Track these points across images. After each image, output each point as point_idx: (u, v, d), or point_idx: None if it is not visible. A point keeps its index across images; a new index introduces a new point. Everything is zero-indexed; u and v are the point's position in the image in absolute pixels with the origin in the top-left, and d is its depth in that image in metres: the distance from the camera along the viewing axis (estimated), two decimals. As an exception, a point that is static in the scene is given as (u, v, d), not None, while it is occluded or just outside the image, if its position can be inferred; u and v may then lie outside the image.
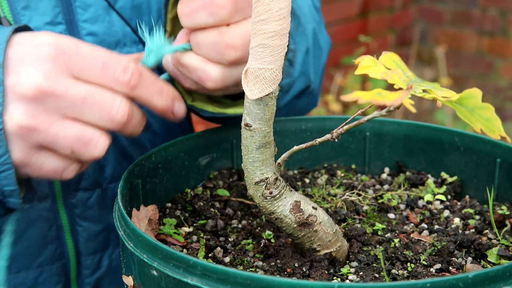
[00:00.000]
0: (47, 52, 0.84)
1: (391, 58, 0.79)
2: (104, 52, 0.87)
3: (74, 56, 0.85)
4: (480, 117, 0.74)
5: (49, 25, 1.10)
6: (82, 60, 0.85)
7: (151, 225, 0.91)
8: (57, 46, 0.85)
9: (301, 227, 0.84)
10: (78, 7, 1.11)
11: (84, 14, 1.12)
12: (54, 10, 1.10)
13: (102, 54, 0.87)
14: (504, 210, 0.97)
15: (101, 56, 0.86)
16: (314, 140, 0.83)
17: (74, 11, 1.12)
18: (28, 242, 1.12)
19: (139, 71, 0.87)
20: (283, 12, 0.75)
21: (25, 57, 0.84)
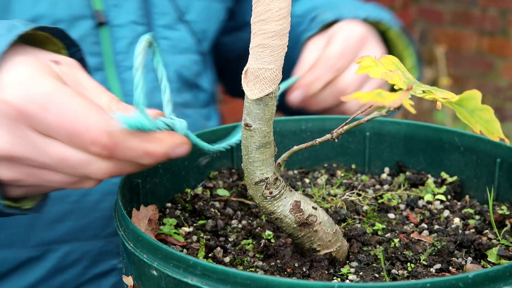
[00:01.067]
0: (8, 115, 0.75)
1: (391, 60, 0.79)
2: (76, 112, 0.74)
3: (38, 121, 0.75)
4: (480, 119, 0.74)
5: (133, 23, 1.29)
6: (47, 126, 0.75)
7: (151, 225, 0.91)
8: (19, 109, 0.74)
9: (301, 227, 0.84)
10: (156, 13, 1.32)
11: (160, 20, 1.33)
12: (138, 12, 1.29)
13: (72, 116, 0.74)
14: (504, 210, 0.97)
15: (69, 121, 0.74)
16: (314, 140, 0.83)
17: (153, 16, 1.32)
18: (101, 213, 1.21)
19: (112, 143, 0.74)
20: (283, 12, 0.75)
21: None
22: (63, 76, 0.81)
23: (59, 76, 0.80)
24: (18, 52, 0.82)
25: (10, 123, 0.75)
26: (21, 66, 0.78)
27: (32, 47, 0.86)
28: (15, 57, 0.80)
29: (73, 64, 0.84)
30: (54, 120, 0.74)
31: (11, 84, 0.76)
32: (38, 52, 0.84)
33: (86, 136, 0.74)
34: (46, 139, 0.76)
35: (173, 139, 0.78)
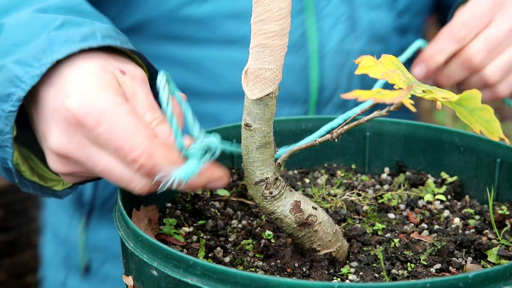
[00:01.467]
0: (67, 120, 0.83)
1: (391, 60, 0.79)
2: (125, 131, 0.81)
3: (91, 132, 0.82)
4: (480, 118, 0.74)
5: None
6: (98, 138, 0.82)
7: (151, 225, 0.91)
8: (77, 117, 0.82)
9: (301, 227, 0.84)
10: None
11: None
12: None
13: (121, 134, 0.81)
14: (504, 210, 0.97)
15: (118, 138, 0.80)
16: (314, 140, 0.83)
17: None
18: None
19: (150, 166, 0.80)
20: (283, 12, 0.75)
21: (51, 110, 0.85)
22: (124, 87, 0.88)
23: (120, 87, 0.87)
24: (89, 54, 0.89)
25: (70, 128, 0.83)
26: (87, 75, 0.85)
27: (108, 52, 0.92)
28: (84, 61, 0.88)
29: (137, 76, 0.90)
30: (105, 134, 0.81)
31: (75, 92, 0.83)
32: (109, 57, 0.90)
33: (130, 154, 0.80)
34: (98, 149, 0.83)
35: (212, 174, 0.85)
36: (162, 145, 0.81)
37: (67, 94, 0.83)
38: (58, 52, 0.87)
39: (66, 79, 0.86)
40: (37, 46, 0.89)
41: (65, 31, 0.90)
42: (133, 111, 0.83)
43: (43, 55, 0.87)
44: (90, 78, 0.85)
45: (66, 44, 0.88)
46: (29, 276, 3.12)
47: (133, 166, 0.81)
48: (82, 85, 0.84)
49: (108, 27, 0.94)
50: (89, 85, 0.84)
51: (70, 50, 0.87)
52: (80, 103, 0.82)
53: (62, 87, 0.85)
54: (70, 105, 0.82)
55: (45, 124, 0.87)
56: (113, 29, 0.95)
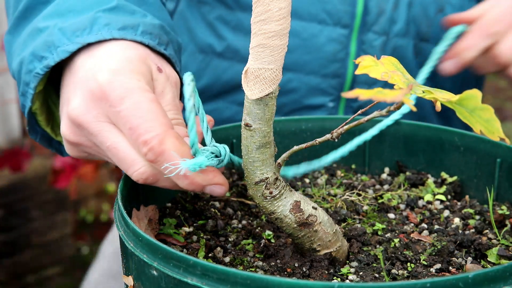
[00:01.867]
0: (93, 91, 0.85)
1: (391, 61, 0.79)
2: (145, 114, 0.83)
3: (112, 108, 0.84)
4: (480, 118, 0.74)
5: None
6: (117, 114, 0.84)
7: (151, 225, 0.91)
8: (103, 91, 0.84)
9: (301, 227, 0.84)
10: None
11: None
12: None
13: (139, 116, 0.83)
14: (504, 210, 0.97)
15: (136, 119, 0.83)
16: (314, 140, 0.83)
17: None
18: (323, 54, 1.38)
19: (160, 150, 0.82)
20: (283, 12, 0.75)
21: (82, 79, 0.88)
22: (155, 83, 0.91)
23: (152, 81, 0.90)
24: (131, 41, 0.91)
25: (92, 100, 0.85)
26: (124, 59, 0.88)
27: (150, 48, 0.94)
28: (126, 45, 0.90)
29: (171, 78, 0.93)
30: (125, 112, 0.83)
31: (108, 68, 0.86)
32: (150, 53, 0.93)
33: (142, 135, 0.82)
34: (111, 126, 0.86)
35: (214, 177, 0.86)
36: (176, 136, 0.83)
37: (101, 68, 0.86)
38: (94, 34, 0.90)
39: (105, 55, 0.89)
40: (81, 21, 0.92)
41: (112, 15, 0.93)
42: (156, 100, 0.85)
43: (81, 33, 0.91)
44: (125, 63, 0.87)
45: (105, 28, 0.91)
46: (29, 276, 3.12)
47: (143, 148, 0.82)
48: (117, 65, 0.87)
49: (154, 24, 0.96)
50: (123, 67, 0.87)
51: (103, 37, 0.90)
52: (110, 79, 0.85)
53: (100, 62, 0.88)
54: (99, 78, 0.85)
55: (72, 90, 0.89)
56: (159, 27, 0.97)
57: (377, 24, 1.38)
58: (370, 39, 1.39)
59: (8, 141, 3.00)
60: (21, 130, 3.04)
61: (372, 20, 1.38)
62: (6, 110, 2.95)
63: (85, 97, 0.86)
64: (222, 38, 1.41)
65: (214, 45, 1.42)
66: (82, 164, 2.69)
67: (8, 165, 2.71)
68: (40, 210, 3.14)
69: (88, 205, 3.27)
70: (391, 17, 1.38)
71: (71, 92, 0.89)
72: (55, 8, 0.96)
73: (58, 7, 0.96)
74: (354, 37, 1.38)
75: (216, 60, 1.43)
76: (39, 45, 0.92)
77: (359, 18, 1.37)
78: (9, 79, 2.92)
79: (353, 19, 1.37)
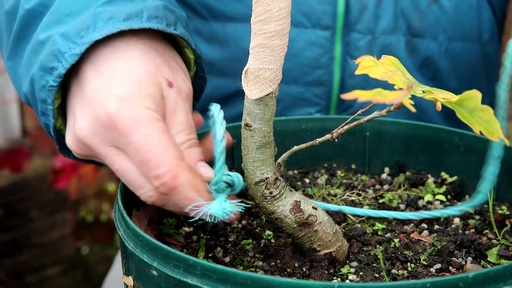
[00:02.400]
0: (101, 118, 0.83)
1: (391, 61, 0.79)
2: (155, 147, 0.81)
3: (122, 138, 0.82)
4: (480, 119, 0.74)
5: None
6: (127, 145, 0.82)
7: (151, 225, 0.91)
8: (112, 120, 0.82)
9: (301, 227, 0.84)
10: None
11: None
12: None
13: (150, 149, 0.81)
14: (504, 210, 0.97)
15: (146, 151, 0.81)
16: (314, 140, 0.83)
17: None
18: (303, 60, 1.29)
19: (173, 185, 0.81)
20: (283, 12, 0.75)
21: (90, 102, 0.84)
22: (166, 101, 0.87)
23: (162, 100, 0.87)
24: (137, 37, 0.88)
25: (100, 126, 0.83)
26: (134, 81, 0.84)
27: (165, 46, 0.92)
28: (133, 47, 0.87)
29: (182, 91, 0.90)
30: (136, 144, 0.81)
31: (116, 96, 0.83)
32: (163, 61, 0.89)
33: (154, 170, 0.81)
34: (119, 151, 0.84)
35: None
36: (188, 169, 0.82)
37: (108, 94, 0.83)
38: (100, 30, 0.86)
39: (112, 72, 0.85)
40: (82, 21, 0.88)
41: (113, 7, 0.89)
42: (166, 130, 0.83)
43: (85, 32, 0.86)
44: (134, 86, 0.84)
45: (109, 22, 0.87)
46: (29, 276, 3.12)
47: (155, 181, 0.81)
48: (125, 90, 0.83)
49: (157, 6, 0.91)
50: (131, 93, 0.83)
51: (110, 31, 0.86)
52: (118, 108, 0.82)
53: (107, 83, 0.84)
54: (108, 107, 0.82)
55: (79, 106, 0.86)
56: (163, 8, 0.92)
57: (360, 22, 1.30)
58: (354, 40, 1.30)
59: (8, 141, 3.00)
60: (21, 130, 3.04)
61: (354, 19, 1.29)
62: (6, 110, 2.95)
63: (92, 121, 0.84)
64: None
65: None
66: (82, 164, 2.69)
67: (8, 165, 2.71)
68: (40, 210, 3.13)
69: (88, 205, 3.27)
70: (375, 13, 1.29)
71: (78, 109, 0.86)
72: (52, 17, 0.91)
73: (54, 15, 0.91)
74: (338, 39, 1.30)
75: None
76: (45, 57, 0.88)
77: (341, 18, 1.29)
78: (9, 79, 2.92)
79: (335, 19, 1.29)
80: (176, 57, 0.94)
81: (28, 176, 3.04)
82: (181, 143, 0.87)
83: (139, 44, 0.89)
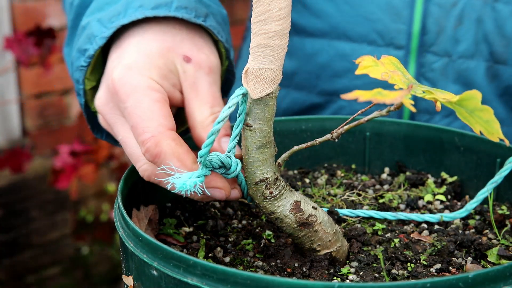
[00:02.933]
0: (109, 86, 0.89)
1: (391, 61, 0.79)
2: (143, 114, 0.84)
3: (121, 104, 0.87)
4: (480, 119, 0.74)
5: None
6: (124, 111, 0.87)
7: (151, 225, 0.91)
8: (114, 86, 0.87)
9: (301, 227, 0.84)
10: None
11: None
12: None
13: (139, 115, 0.84)
14: (504, 210, 0.97)
15: (136, 117, 0.84)
16: (314, 140, 0.83)
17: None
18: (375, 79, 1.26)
19: (155, 152, 0.81)
20: (283, 12, 0.75)
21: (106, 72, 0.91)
22: (184, 75, 0.89)
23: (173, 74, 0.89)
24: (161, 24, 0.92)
25: (108, 93, 0.89)
26: (143, 53, 0.89)
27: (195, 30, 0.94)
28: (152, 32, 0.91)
29: (203, 64, 0.91)
30: (129, 109, 0.85)
31: (123, 64, 0.88)
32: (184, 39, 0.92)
33: (140, 135, 0.83)
34: (124, 121, 0.88)
35: (211, 181, 0.82)
36: (173, 138, 0.82)
37: (118, 63, 0.89)
38: (129, 16, 0.91)
39: (127, 48, 0.90)
40: (116, 8, 0.94)
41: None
42: (163, 100, 0.86)
43: (116, 18, 0.92)
44: (141, 57, 0.88)
45: (139, 10, 0.91)
46: (29, 276, 3.12)
47: (141, 147, 0.83)
48: (132, 60, 0.88)
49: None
50: (138, 63, 0.88)
51: (135, 17, 0.90)
52: (121, 76, 0.87)
53: (121, 54, 0.90)
54: (114, 74, 0.88)
55: (102, 80, 0.93)
56: (195, 1, 0.95)
57: (436, 44, 1.26)
58: (430, 61, 1.27)
59: (8, 141, 2.99)
60: (21, 130, 3.04)
61: (430, 40, 1.26)
62: (6, 110, 2.95)
63: (105, 90, 0.90)
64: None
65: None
66: (82, 164, 2.69)
67: (8, 165, 2.71)
68: (40, 210, 3.13)
69: (88, 205, 3.27)
70: (454, 35, 1.25)
71: (101, 82, 0.93)
72: (95, 5, 0.98)
73: (97, 3, 0.98)
74: (413, 59, 1.27)
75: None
76: (82, 40, 0.95)
77: (416, 38, 1.26)
78: (9, 79, 2.91)
79: (410, 39, 1.26)
80: (205, 37, 0.95)
81: (28, 176, 3.04)
82: (205, 117, 0.88)
83: (162, 26, 0.92)
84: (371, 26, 1.27)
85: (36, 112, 3.06)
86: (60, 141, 3.01)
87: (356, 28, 1.27)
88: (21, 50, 2.49)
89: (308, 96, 1.38)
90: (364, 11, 1.28)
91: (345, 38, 1.29)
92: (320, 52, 1.34)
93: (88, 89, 0.96)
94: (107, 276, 3.35)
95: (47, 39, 2.50)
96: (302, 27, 1.35)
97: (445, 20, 1.24)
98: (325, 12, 1.31)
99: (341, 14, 1.29)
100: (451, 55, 1.26)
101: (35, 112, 3.06)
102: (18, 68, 2.89)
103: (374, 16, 1.27)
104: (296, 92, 1.38)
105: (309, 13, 1.33)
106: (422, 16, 1.24)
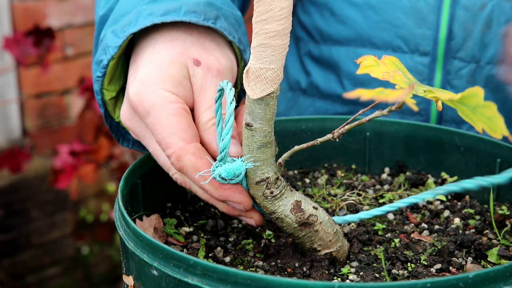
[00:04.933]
0: (129, 102, 0.91)
1: (392, 61, 0.79)
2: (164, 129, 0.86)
3: (142, 119, 0.89)
4: (482, 116, 0.73)
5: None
6: (147, 126, 0.89)
7: (157, 233, 0.91)
8: (133, 103, 0.89)
9: (301, 227, 0.84)
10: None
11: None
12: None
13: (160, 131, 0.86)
14: (504, 210, 0.97)
15: (158, 133, 0.87)
16: (315, 140, 0.83)
17: None
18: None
19: (179, 166, 0.86)
20: (284, 12, 0.75)
21: (126, 88, 0.92)
22: (193, 79, 0.91)
23: (189, 78, 0.90)
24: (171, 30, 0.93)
25: (130, 109, 0.91)
26: (155, 63, 0.90)
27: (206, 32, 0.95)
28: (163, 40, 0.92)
29: (212, 67, 0.92)
30: (150, 126, 0.88)
31: (137, 80, 0.89)
32: (194, 43, 0.93)
33: (165, 151, 0.87)
34: (150, 134, 0.90)
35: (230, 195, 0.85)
36: (192, 152, 0.85)
37: (133, 78, 0.90)
38: (139, 24, 0.92)
39: (140, 61, 0.92)
40: (128, 18, 0.95)
41: (155, 5, 0.95)
42: (180, 110, 0.87)
43: (127, 27, 0.94)
44: (155, 69, 0.90)
45: (149, 18, 0.92)
46: (29, 276, 3.12)
47: (169, 160, 0.87)
48: (145, 74, 0.89)
49: (198, 2, 0.95)
50: (151, 76, 0.89)
51: (144, 25, 0.92)
52: (136, 93, 0.89)
53: (136, 68, 0.92)
54: (130, 92, 0.89)
55: (125, 94, 0.94)
56: (205, 4, 0.95)
57: (463, 49, 1.21)
58: (457, 68, 1.22)
59: (8, 141, 2.99)
60: (21, 130, 3.04)
61: (457, 45, 1.21)
62: (6, 110, 2.95)
63: (127, 105, 0.92)
64: (308, 74, 1.37)
65: (301, 81, 1.38)
66: (82, 164, 2.69)
67: (8, 165, 2.71)
68: (40, 210, 3.13)
69: (88, 205, 3.27)
70: (482, 40, 1.20)
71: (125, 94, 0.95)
72: (112, 18, 1.00)
73: (113, 16, 0.99)
74: (439, 66, 1.22)
75: (301, 97, 1.39)
76: (99, 52, 0.96)
77: (442, 44, 1.21)
78: (9, 79, 2.92)
79: (436, 45, 1.21)
80: (217, 39, 0.96)
81: (28, 176, 3.04)
82: (207, 120, 0.89)
83: (172, 31, 0.93)
84: (396, 32, 1.24)
85: (36, 112, 3.06)
86: (60, 141, 3.01)
87: (380, 34, 1.24)
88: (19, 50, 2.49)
89: (333, 106, 1.36)
90: (388, 16, 1.24)
91: (369, 45, 1.26)
92: (345, 60, 1.32)
93: (108, 100, 0.98)
94: (107, 276, 3.35)
95: (46, 39, 2.49)
96: (329, 35, 1.34)
97: (472, 24, 1.19)
98: (350, 19, 1.29)
99: (365, 20, 1.26)
100: (479, 61, 1.21)
101: (35, 112, 3.06)
102: (18, 68, 2.89)
103: (399, 21, 1.24)
104: (320, 101, 1.37)
105: (336, 21, 1.31)
106: (448, 20, 1.20)
